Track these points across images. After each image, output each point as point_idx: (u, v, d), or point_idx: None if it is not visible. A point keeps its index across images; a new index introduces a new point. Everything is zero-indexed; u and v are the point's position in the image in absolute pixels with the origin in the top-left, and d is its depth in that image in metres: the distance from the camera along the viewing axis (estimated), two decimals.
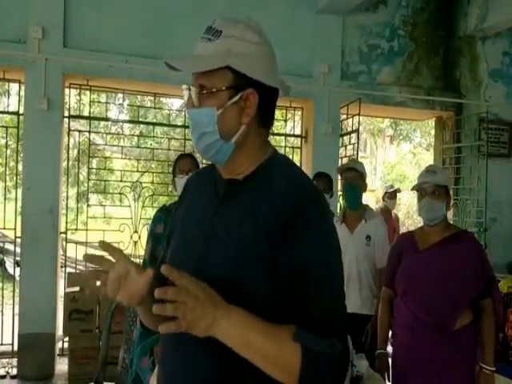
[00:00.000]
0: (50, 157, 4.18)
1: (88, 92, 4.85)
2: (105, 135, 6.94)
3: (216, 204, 1.09)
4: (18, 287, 4.23)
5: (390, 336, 2.62)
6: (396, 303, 2.45)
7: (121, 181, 5.50)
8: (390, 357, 2.52)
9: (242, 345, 0.93)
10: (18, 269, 4.34)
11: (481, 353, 2.28)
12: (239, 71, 1.00)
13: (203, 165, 3.40)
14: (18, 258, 4.38)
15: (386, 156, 19.31)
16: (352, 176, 3.16)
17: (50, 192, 4.19)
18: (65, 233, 4.53)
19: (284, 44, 4.11)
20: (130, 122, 9.15)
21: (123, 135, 8.58)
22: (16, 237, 4.30)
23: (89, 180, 5.05)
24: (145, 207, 4.89)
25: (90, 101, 4.93)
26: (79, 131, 5.33)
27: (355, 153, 4.82)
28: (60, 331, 4.35)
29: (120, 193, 5.05)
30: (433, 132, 6.83)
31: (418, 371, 2.27)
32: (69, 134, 4.86)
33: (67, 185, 4.98)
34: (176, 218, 1.23)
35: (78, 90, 4.77)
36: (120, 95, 8.50)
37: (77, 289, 4.24)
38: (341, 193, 3.32)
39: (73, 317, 4.12)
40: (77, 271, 5.62)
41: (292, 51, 4.60)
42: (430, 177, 2.34)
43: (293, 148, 5.39)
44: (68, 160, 8.13)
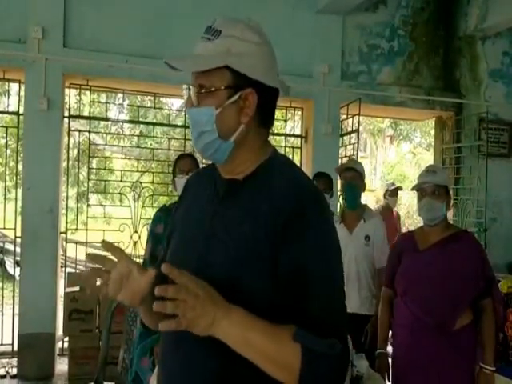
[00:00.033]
0: (50, 157, 4.18)
1: (88, 92, 4.85)
2: (105, 135, 6.94)
3: (216, 204, 1.09)
4: (18, 287, 4.23)
5: (390, 336, 2.62)
6: (396, 303, 2.45)
7: (121, 181, 5.50)
8: (390, 357, 2.52)
9: (243, 344, 0.93)
10: (18, 269, 4.34)
11: (481, 353, 2.28)
12: (238, 71, 1.00)
13: (203, 165, 3.40)
14: (18, 258, 4.38)
15: (386, 156, 19.30)
16: (351, 176, 3.15)
17: (50, 192, 4.19)
18: (65, 233, 4.53)
19: (284, 44, 4.12)
20: (130, 122, 9.15)
21: (123, 135, 8.58)
22: (16, 237, 4.30)
23: (89, 180, 5.05)
24: (145, 207, 4.89)
25: (90, 101, 4.93)
26: (79, 131, 5.33)
27: (355, 153, 4.82)
28: (60, 331, 4.35)
29: (120, 193, 5.05)
30: (433, 132, 6.82)
31: (418, 371, 2.27)
32: (69, 134, 4.86)
33: (67, 185, 4.98)
34: (176, 218, 1.23)
35: (78, 90, 4.77)
36: (120, 95, 8.50)
37: (77, 289, 4.24)
38: (340, 193, 3.30)
39: (73, 317, 4.12)
40: (77, 271, 5.63)
41: (292, 51, 4.60)
42: (430, 177, 2.34)
43: (293, 148, 5.39)
44: (68, 160, 8.13)
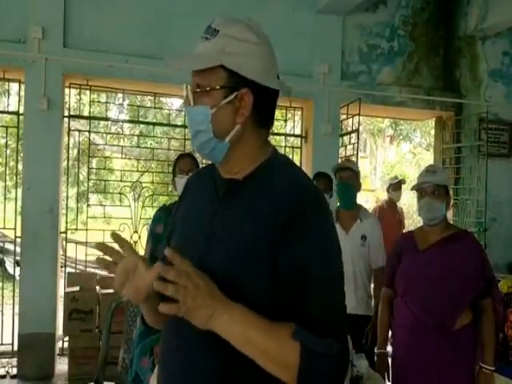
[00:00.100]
0: (50, 157, 4.18)
1: (88, 92, 4.85)
2: (105, 135, 6.95)
3: (216, 204, 1.09)
4: (18, 287, 4.23)
5: (390, 336, 2.62)
6: (396, 303, 2.45)
7: (121, 181, 5.50)
8: (390, 357, 2.52)
9: (242, 341, 0.93)
10: (18, 269, 4.34)
11: (481, 353, 2.28)
12: (234, 71, 1.00)
13: (203, 165, 3.40)
14: (18, 258, 4.38)
15: (386, 156, 19.29)
16: (347, 176, 3.12)
17: (50, 192, 4.19)
18: (65, 233, 4.53)
19: (284, 44, 4.12)
20: (130, 122, 9.15)
21: (123, 135, 8.59)
22: (16, 237, 4.30)
23: (89, 180, 5.05)
24: (145, 207, 4.89)
25: (90, 101, 4.93)
26: (79, 131, 5.34)
27: (355, 153, 4.82)
28: (60, 331, 4.35)
29: (120, 193, 5.05)
30: (433, 132, 6.83)
31: (418, 371, 2.27)
32: (69, 134, 4.86)
33: (67, 185, 4.98)
34: (176, 218, 1.23)
35: (78, 90, 4.77)
36: (120, 95, 8.50)
37: (77, 289, 4.24)
38: (335, 192, 3.27)
39: (73, 317, 4.12)
40: (77, 271, 5.63)
41: (292, 51, 4.60)
42: (430, 177, 2.35)
43: (293, 148, 5.39)
44: (68, 160, 8.13)
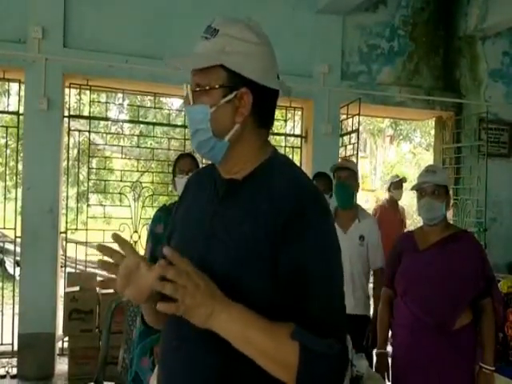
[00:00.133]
0: (50, 157, 4.18)
1: (88, 92, 4.85)
2: (105, 135, 6.95)
3: (216, 204, 1.09)
4: (18, 287, 4.23)
5: (390, 336, 2.62)
6: (396, 303, 2.45)
7: (121, 181, 5.50)
8: (390, 357, 2.52)
9: (241, 340, 0.93)
10: (18, 269, 4.34)
11: (481, 353, 2.28)
12: (233, 70, 1.00)
13: (203, 165, 3.40)
14: (18, 258, 4.38)
15: (386, 156, 19.29)
16: (346, 175, 3.12)
17: (50, 192, 4.19)
18: (65, 233, 4.53)
19: (284, 44, 4.12)
20: (130, 122, 9.15)
21: (123, 135, 8.59)
22: (16, 237, 4.29)
23: (89, 180, 5.05)
24: (145, 207, 4.88)
25: (90, 101, 4.93)
26: (79, 131, 5.34)
27: (355, 153, 4.82)
28: (60, 331, 4.35)
29: (120, 193, 5.05)
30: (433, 132, 6.82)
31: (418, 371, 2.27)
32: (69, 134, 4.86)
33: (67, 185, 4.98)
34: (176, 218, 1.23)
35: (78, 90, 4.77)
36: (120, 95, 8.50)
37: (77, 289, 4.24)
38: (333, 192, 3.25)
39: (73, 317, 4.12)
40: (77, 271, 5.63)
41: (292, 51, 4.60)
42: (430, 177, 2.35)
43: (293, 148, 5.39)
44: (68, 160, 8.13)
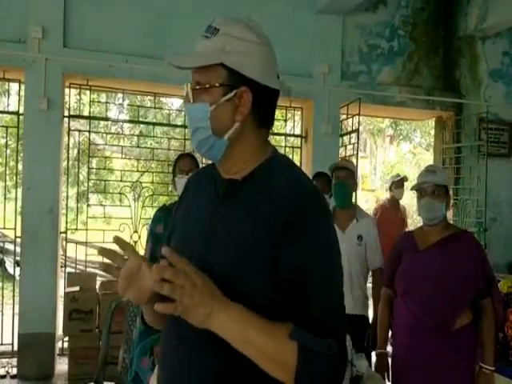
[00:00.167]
0: (50, 157, 4.18)
1: (88, 92, 4.85)
2: (105, 135, 6.95)
3: (216, 204, 1.09)
4: (18, 287, 4.23)
5: (390, 336, 2.62)
6: (396, 303, 2.45)
7: (121, 181, 5.50)
8: (390, 357, 2.52)
9: (240, 340, 0.93)
10: (18, 269, 4.34)
11: (481, 353, 2.28)
12: (233, 69, 1.01)
13: (203, 165, 3.40)
14: (18, 258, 4.38)
15: (386, 156, 19.29)
16: (344, 175, 3.12)
17: (50, 192, 4.19)
18: (65, 233, 4.53)
19: (284, 44, 4.12)
20: (130, 122, 9.15)
21: (123, 135, 8.59)
22: (16, 237, 4.29)
23: (89, 180, 5.05)
24: (145, 207, 4.88)
25: (90, 101, 4.93)
26: (79, 131, 5.34)
27: (355, 153, 4.82)
28: (60, 331, 4.35)
29: (120, 193, 5.05)
30: (433, 132, 6.82)
31: (418, 371, 2.27)
32: (69, 134, 4.86)
33: (67, 185, 4.98)
34: (176, 218, 1.23)
35: (78, 90, 4.77)
36: (120, 95, 8.50)
37: (77, 289, 4.24)
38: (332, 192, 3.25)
39: (73, 317, 4.12)
40: (77, 271, 5.63)
41: (292, 51, 4.60)
42: (430, 176, 2.35)
43: (293, 148, 5.39)
44: (68, 160, 8.13)
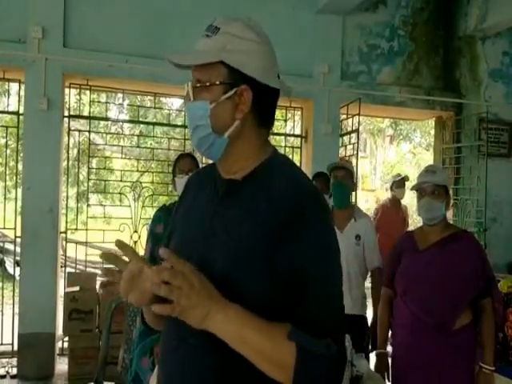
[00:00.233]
0: (50, 157, 4.18)
1: (88, 92, 4.85)
2: (105, 135, 6.96)
3: (216, 204, 1.09)
4: (18, 287, 4.23)
5: (390, 336, 2.62)
6: (396, 303, 2.45)
7: (121, 181, 5.50)
8: (390, 357, 2.52)
9: (237, 341, 0.93)
10: (18, 268, 4.34)
11: (481, 353, 2.28)
12: (234, 67, 1.01)
13: (203, 165, 3.40)
14: (18, 258, 4.38)
15: (386, 156, 19.30)
16: (342, 175, 3.13)
17: (50, 192, 4.19)
18: (65, 232, 4.53)
19: (284, 44, 4.11)
20: (130, 122, 9.15)
21: (123, 135, 8.59)
22: (16, 236, 4.29)
23: (89, 180, 5.05)
24: (145, 207, 4.88)
25: (90, 101, 4.94)
26: (79, 131, 5.34)
27: (355, 153, 4.82)
28: (60, 331, 4.35)
29: (120, 193, 5.05)
30: (433, 132, 6.83)
31: (418, 371, 2.27)
32: (69, 134, 4.87)
33: (67, 185, 4.98)
34: (176, 218, 1.23)
35: (78, 90, 4.77)
36: (120, 95, 8.50)
37: (77, 289, 4.24)
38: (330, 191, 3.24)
39: (73, 317, 4.12)
40: (77, 271, 5.63)
41: (292, 51, 4.60)
42: (430, 177, 2.35)
43: (293, 148, 5.39)
44: (68, 160, 8.13)
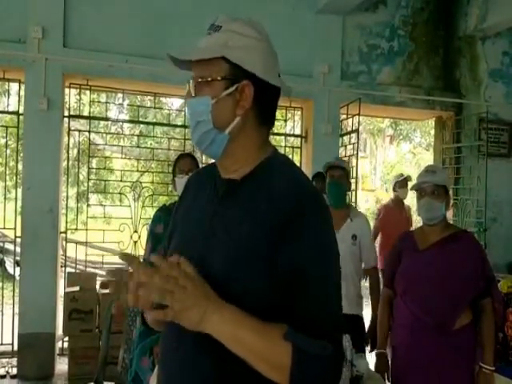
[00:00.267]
0: (50, 157, 4.19)
1: (88, 92, 4.85)
2: (105, 135, 6.96)
3: (216, 204, 1.09)
4: (18, 287, 4.23)
5: (390, 336, 2.62)
6: (396, 303, 2.45)
7: (121, 181, 5.51)
8: (390, 357, 2.52)
9: (234, 341, 0.93)
10: (18, 268, 4.34)
11: (481, 353, 2.28)
12: (235, 63, 1.01)
13: (203, 165, 3.40)
14: (18, 258, 4.38)
15: (386, 156, 19.32)
16: (338, 174, 3.11)
17: (50, 192, 4.19)
18: (65, 232, 4.53)
19: (284, 44, 4.08)
20: (130, 122, 9.16)
21: (123, 135, 8.60)
22: (16, 236, 4.30)
23: (89, 180, 5.05)
24: (145, 207, 4.89)
25: (90, 101, 4.94)
26: (79, 131, 5.34)
27: (355, 153, 4.82)
28: (60, 331, 4.35)
29: (120, 193, 5.05)
30: (433, 132, 6.83)
31: (418, 371, 2.27)
32: (69, 134, 4.87)
33: (67, 185, 4.98)
34: (176, 218, 1.23)
35: (78, 90, 4.78)
36: (120, 95, 8.51)
37: (77, 289, 4.24)
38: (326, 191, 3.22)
39: (73, 317, 4.12)
40: (77, 271, 5.63)
41: (292, 51, 4.60)
42: (430, 177, 2.35)
43: (293, 148, 5.39)
44: (68, 160, 8.14)
